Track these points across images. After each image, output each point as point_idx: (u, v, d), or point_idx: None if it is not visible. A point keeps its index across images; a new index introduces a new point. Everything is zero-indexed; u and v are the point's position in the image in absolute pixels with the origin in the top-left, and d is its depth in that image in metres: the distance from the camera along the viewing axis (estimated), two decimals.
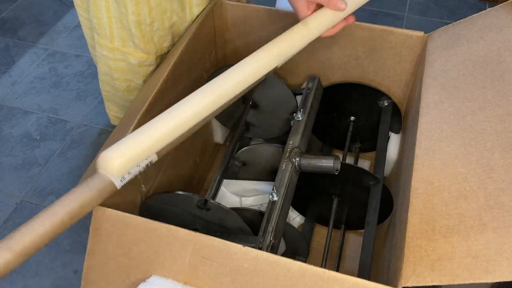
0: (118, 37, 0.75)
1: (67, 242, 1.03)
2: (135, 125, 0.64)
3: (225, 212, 0.67)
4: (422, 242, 0.49)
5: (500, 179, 0.49)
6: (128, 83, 0.82)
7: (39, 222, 0.50)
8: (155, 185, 0.72)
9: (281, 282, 0.49)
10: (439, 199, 0.52)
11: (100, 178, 0.55)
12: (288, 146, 0.72)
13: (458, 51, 0.68)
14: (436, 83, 0.67)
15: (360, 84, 0.87)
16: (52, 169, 1.18)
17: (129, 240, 0.54)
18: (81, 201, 0.52)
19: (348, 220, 0.87)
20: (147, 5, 0.72)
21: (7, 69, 1.45)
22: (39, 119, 1.30)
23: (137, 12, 0.71)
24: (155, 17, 0.74)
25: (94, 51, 0.83)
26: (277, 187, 0.66)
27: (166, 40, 0.78)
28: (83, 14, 0.81)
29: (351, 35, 0.82)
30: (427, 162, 0.57)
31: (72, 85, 1.40)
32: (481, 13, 0.71)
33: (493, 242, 0.45)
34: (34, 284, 0.97)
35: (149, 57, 0.78)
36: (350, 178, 0.77)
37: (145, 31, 0.74)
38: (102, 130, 1.27)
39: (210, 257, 0.51)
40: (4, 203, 1.10)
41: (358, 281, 0.47)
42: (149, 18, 0.73)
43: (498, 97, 0.58)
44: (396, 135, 0.88)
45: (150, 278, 0.54)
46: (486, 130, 0.55)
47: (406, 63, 0.82)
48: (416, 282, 0.46)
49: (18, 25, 1.62)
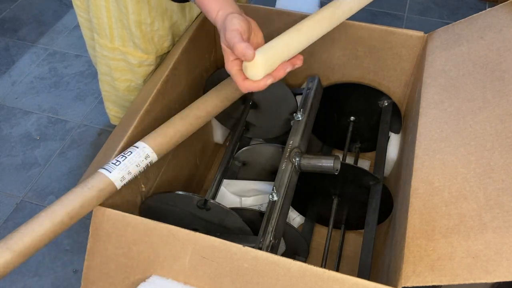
0: (118, 37, 0.75)
1: (67, 242, 1.03)
2: (135, 125, 0.64)
3: (225, 212, 0.67)
4: (422, 242, 0.49)
5: (500, 179, 0.49)
6: (128, 83, 0.82)
7: (39, 222, 0.50)
8: (155, 185, 0.72)
9: (281, 282, 0.49)
10: (439, 199, 0.52)
11: (100, 178, 0.55)
12: (288, 146, 0.71)
13: (458, 51, 0.68)
14: (436, 83, 0.67)
15: (360, 84, 0.87)
16: (52, 169, 1.18)
17: (129, 240, 0.54)
18: (81, 201, 0.52)
19: (348, 220, 0.87)
20: (148, 4, 0.72)
21: (7, 69, 1.45)
22: (39, 119, 1.30)
23: (138, 11, 0.71)
24: (155, 17, 0.74)
25: (94, 52, 0.83)
26: (277, 187, 0.66)
27: (166, 40, 0.78)
28: (82, 14, 0.81)
29: (351, 35, 0.82)
30: (427, 162, 0.57)
31: (72, 85, 1.40)
32: (481, 13, 0.71)
33: (493, 242, 0.45)
34: (34, 284, 0.97)
35: (149, 57, 0.78)
36: (350, 178, 0.77)
37: (145, 31, 0.74)
38: (102, 130, 1.27)
39: (210, 257, 0.51)
40: (4, 203, 1.10)
41: (358, 281, 0.47)
42: (149, 17, 0.73)
43: (498, 97, 0.58)
44: (396, 135, 0.88)
45: (150, 278, 0.54)
46: (486, 130, 0.55)
47: (406, 63, 0.82)
48: (416, 282, 0.46)
49: (18, 25, 1.62)
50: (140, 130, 0.65)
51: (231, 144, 0.81)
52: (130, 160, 0.57)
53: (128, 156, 0.57)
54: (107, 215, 0.55)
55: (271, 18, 0.85)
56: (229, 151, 0.81)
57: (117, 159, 0.57)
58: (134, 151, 0.58)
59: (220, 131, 1.04)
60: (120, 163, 0.56)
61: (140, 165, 0.58)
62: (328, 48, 0.86)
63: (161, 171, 0.74)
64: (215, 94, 0.69)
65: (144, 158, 0.58)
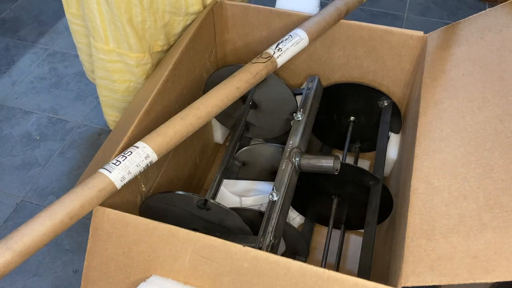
0: (113, 38, 0.76)
1: (67, 242, 1.03)
2: (135, 125, 0.64)
3: (225, 212, 0.67)
4: (422, 242, 0.49)
5: (500, 179, 0.49)
6: (128, 84, 0.82)
7: (39, 222, 0.50)
8: (155, 185, 0.72)
9: (281, 282, 0.49)
10: (439, 199, 0.52)
11: (100, 178, 0.55)
12: (288, 146, 0.72)
13: (458, 51, 0.68)
14: (436, 83, 0.67)
15: (360, 84, 0.87)
16: (52, 169, 1.18)
17: (129, 240, 0.54)
18: (81, 201, 0.52)
19: (348, 220, 0.87)
20: (140, 4, 0.72)
21: (7, 69, 1.45)
22: (39, 119, 1.30)
23: (129, 10, 0.72)
24: (147, 17, 0.74)
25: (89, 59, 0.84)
26: (277, 187, 0.66)
27: (159, 38, 0.79)
28: (78, 22, 0.81)
29: (351, 35, 0.82)
30: (427, 162, 0.57)
31: (72, 85, 1.40)
32: (481, 13, 0.71)
33: (493, 242, 0.45)
34: (34, 284, 0.97)
35: (144, 56, 0.78)
36: (350, 178, 0.77)
37: (137, 28, 0.74)
38: (102, 130, 1.27)
39: (210, 257, 0.51)
40: (4, 203, 1.10)
41: (358, 281, 0.47)
42: (140, 16, 0.73)
43: (498, 97, 0.58)
44: (396, 135, 0.88)
45: (150, 278, 0.54)
46: (486, 130, 0.55)
47: (406, 63, 0.82)
48: (416, 282, 0.46)
49: (18, 25, 1.62)
50: (140, 130, 0.65)
51: (231, 144, 0.81)
52: (130, 160, 0.57)
53: (128, 156, 0.57)
54: (107, 215, 0.55)
55: (271, 18, 0.85)
56: (229, 151, 0.81)
57: (117, 159, 0.57)
58: (134, 151, 0.58)
59: (220, 131, 1.04)
60: (120, 163, 0.56)
61: (140, 165, 0.58)
62: (328, 48, 0.86)
63: (161, 171, 0.74)
64: (215, 94, 0.69)
65: (144, 158, 0.58)
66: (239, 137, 0.83)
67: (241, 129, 0.84)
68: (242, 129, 0.85)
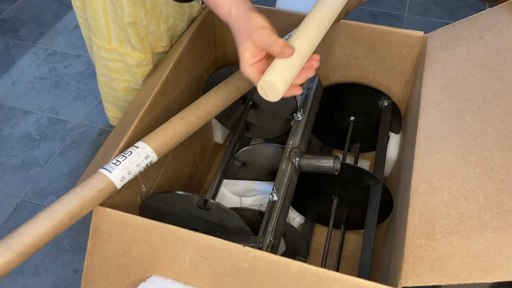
0: (116, 38, 0.75)
1: (67, 242, 1.03)
2: (135, 125, 0.64)
3: (225, 212, 0.67)
4: (422, 242, 0.49)
5: (500, 179, 0.49)
6: (127, 84, 0.82)
7: (39, 222, 0.50)
8: (155, 185, 0.72)
9: (281, 282, 0.49)
10: (439, 199, 0.52)
11: (100, 178, 0.55)
12: (288, 146, 0.72)
13: (458, 51, 0.68)
14: (436, 83, 0.67)
15: (360, 84, 0.87)
16: (52, 169, 1.18)
17: (129, 240, 0.54)
18: (81, 201, 0.52)
19: (348, 220, 0.87)
20: (143, 7, 0.72)
21: (7, 69, 1.45)
22: (39, 119, 1.30)
23: (133, 14, 0.71)
24: (151, 20, 0.74)
25: (93, 51, 0.84)
26: (277, 187, 0.66)
27: (162, 40, 0.78)
28: (81, 15, 0.81)
29: (351, 35, 0.82)
30: (427, 162, 0.57)
31: (72, 85, 1.40)
32: (481, 13, 0.71)
33: (493, 242, 0.45)
34: (34, 284, 0.97)
35: (146, 57, 0.78)
36: (350, 178, 0.77)
37: (140, 30, 0.74)
38: (102, 130, 1.27)
39: (210, 257, 0.51)
40: (4, 203, 1.10)
41: (358, 281, 0.47)
42: (145, 20, 0.73)
43: (498, 97, 0.58)
44: (396, 135, 0.88)
45: (150, 278, 0.54)
46: (486, 130, 0.55)
47: (406, 63, 0.82)
48: (416, 282, 0.46)
49: (18, 25, 1.62)
50: (140, 130, 0.65)
51: (231, 144, 0.81)
52: (130, 160, 0.57)
53: (128, 156, 0.57)
54: (107, 215, 0.55)
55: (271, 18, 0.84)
56: (229, 151, 0.81)
57: (117, 159, 0.57)
58: (134, 151, 0.58)
59: (220, 131, 1.04)
60: (120, 163, 0.56)
61: (140, 165, 0.58)
62: (328, 48, 0.86)
63: (161, 171, 0.74)
64: (215, 94, 0.69)
65: (144, 158, 0.58)
66: (239, 137, 0.83)
67: (241, 129, 0.84)
68: (242, 129, 0.85)
